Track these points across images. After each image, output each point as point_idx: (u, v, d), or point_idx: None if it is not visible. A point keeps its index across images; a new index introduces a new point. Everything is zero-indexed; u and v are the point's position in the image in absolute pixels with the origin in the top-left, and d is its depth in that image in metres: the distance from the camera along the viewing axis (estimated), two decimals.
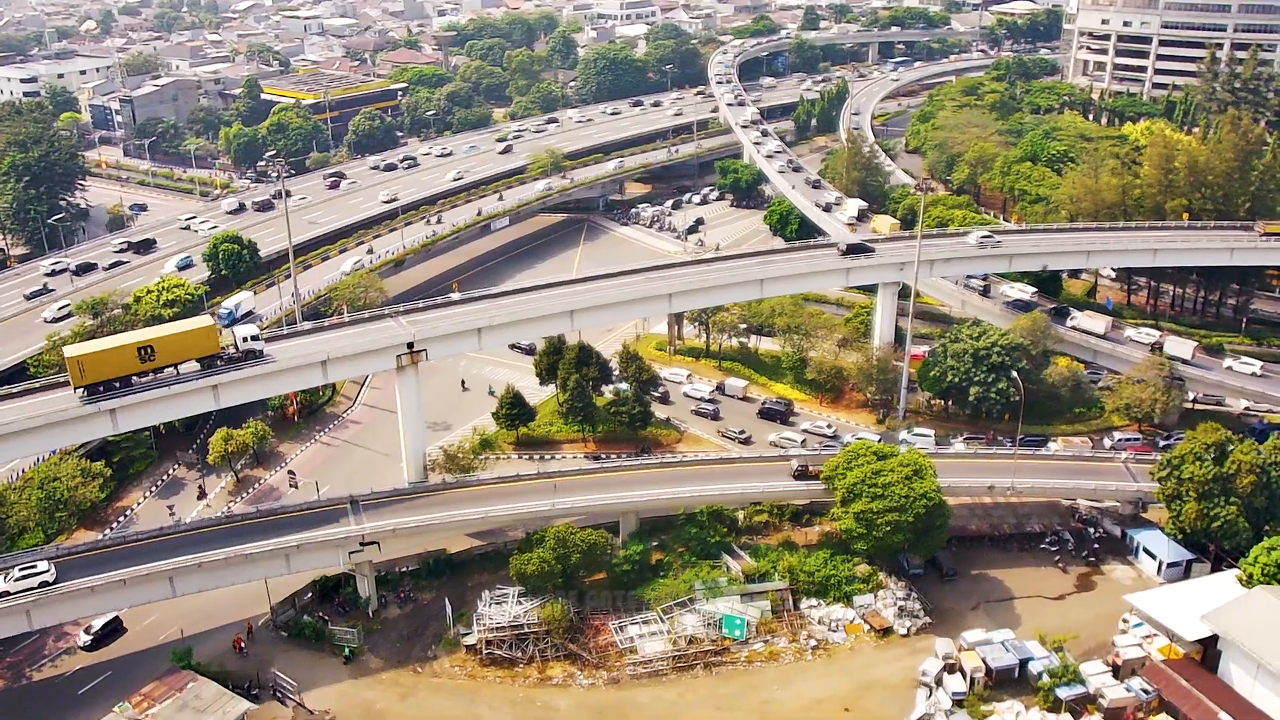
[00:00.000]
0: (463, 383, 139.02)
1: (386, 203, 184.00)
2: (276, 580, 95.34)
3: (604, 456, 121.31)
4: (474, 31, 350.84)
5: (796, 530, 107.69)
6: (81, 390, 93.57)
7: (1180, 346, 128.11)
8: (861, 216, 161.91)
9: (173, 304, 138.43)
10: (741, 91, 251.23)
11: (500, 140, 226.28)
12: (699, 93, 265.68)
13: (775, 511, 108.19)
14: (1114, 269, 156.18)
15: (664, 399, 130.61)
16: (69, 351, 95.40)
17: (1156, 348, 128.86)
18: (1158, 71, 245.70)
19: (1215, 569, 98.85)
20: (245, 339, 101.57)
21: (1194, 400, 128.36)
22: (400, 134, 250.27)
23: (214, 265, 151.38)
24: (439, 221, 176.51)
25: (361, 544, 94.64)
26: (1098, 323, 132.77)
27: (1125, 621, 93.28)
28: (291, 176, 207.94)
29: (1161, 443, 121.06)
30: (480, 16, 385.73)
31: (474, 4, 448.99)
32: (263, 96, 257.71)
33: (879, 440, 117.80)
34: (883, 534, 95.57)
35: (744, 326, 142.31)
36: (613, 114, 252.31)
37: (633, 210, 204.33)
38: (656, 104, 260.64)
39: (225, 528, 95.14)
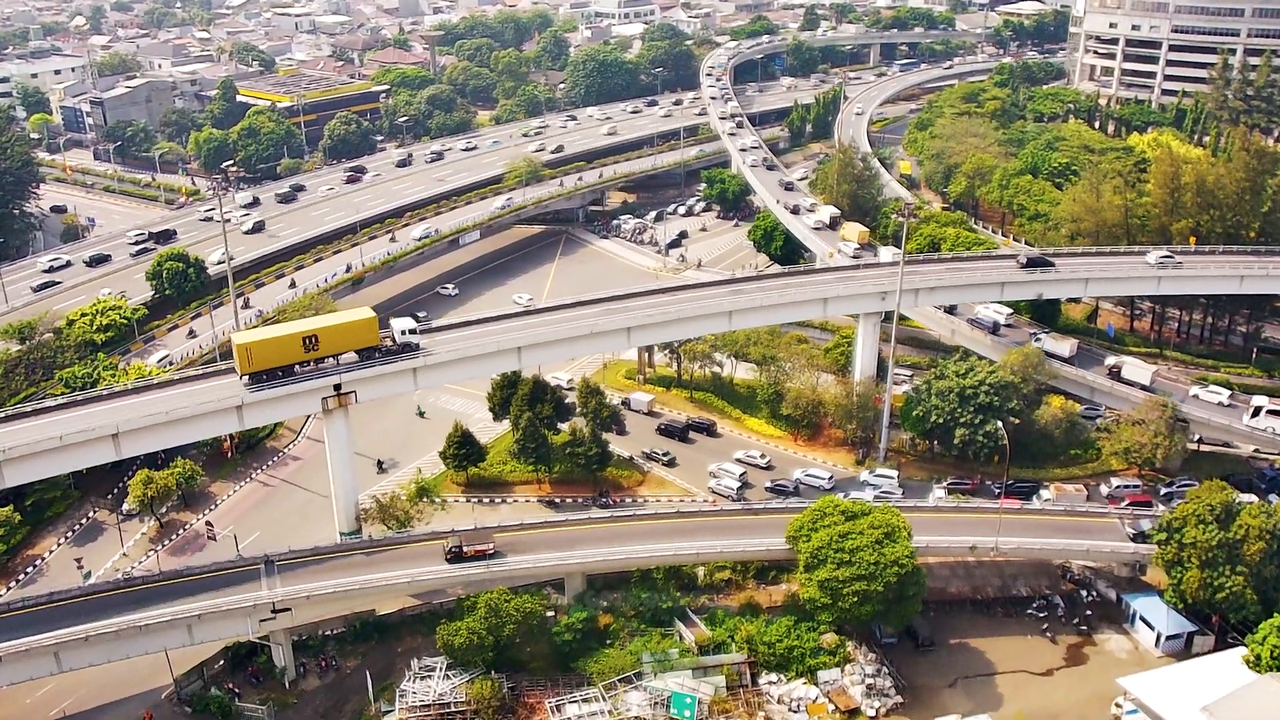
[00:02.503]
0: (420, 412, 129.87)
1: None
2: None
3: (559, 500, 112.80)
4: (465, 30, 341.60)
5: (762, 589, 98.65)
6: (246, 378, 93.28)
7: (1138, 371, 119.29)
8: (833, 223, 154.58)
9: (107, 328, 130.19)
10: (732, 95, 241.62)
11: (468, 149, 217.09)
12: (691, 99, 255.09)
13: (739, 568, 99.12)
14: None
15: (621, 429, 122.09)
16: (238, 339, 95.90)
17: (1114, 371, 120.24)
18: (1167, 78, 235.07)
19: (1220, 644, 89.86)
20: (403, 332, 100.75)
21: (1199, 442, 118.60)
22: (379, 138, 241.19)
23: (157, 284, 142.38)
24: (392, 240, 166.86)
25: (273, 611, 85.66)
26: (1062, 345, 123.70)
27: (1119, 706, 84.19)
28: (256, 185, 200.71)
29: (1163, 490, 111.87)
30: (473, 15, 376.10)
31: (471, 2, 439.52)
32: (239, 99, 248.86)
33: (829, 479, 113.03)
34: (849, 604, 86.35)
35: (718, 355, 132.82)
36: (602, 118, 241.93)
37: (613, 222, 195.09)
38: (636, 111, 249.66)
39: (123, 593, 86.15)
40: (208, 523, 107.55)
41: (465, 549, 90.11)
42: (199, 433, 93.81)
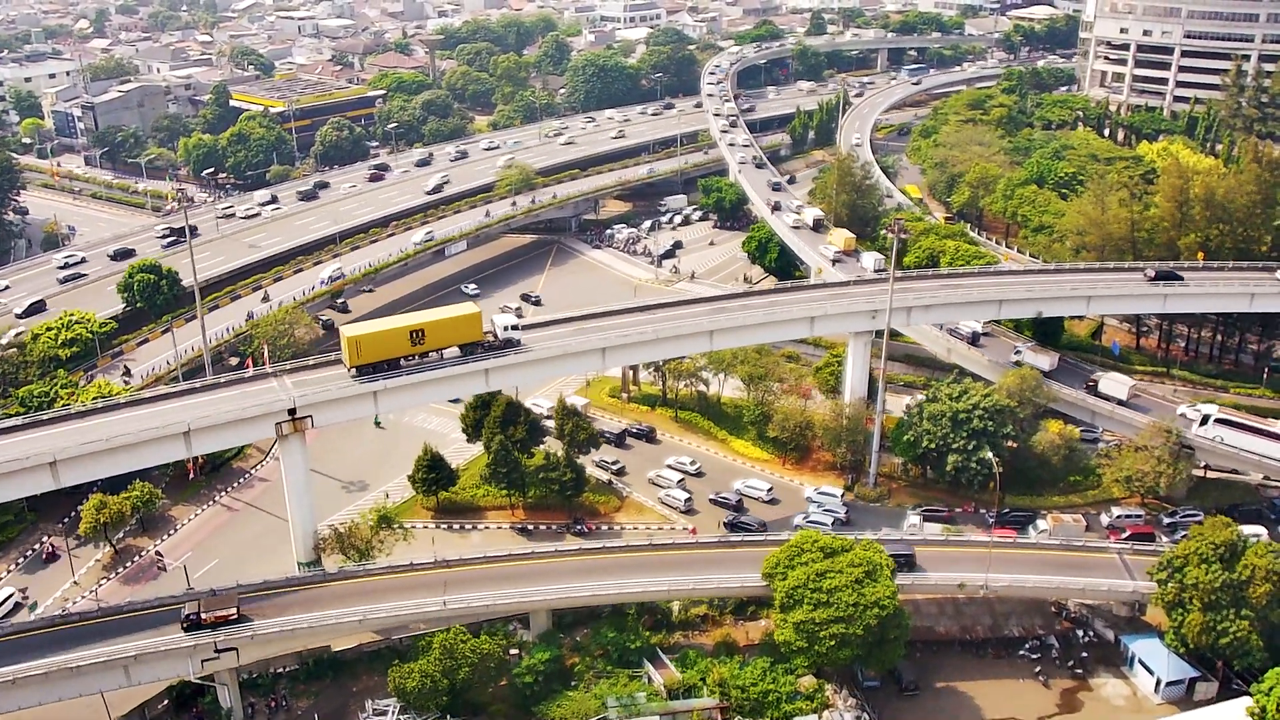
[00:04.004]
0: (377, 422, 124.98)
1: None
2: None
3: (532, 527, 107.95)
4: (467, 35, 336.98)
5: (739, 626, 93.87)
6: (353, 370, 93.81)
7: (1115, 386, 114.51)
8: (817, 226, 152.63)
9: (72, 343, 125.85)
10: (732, 101, 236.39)
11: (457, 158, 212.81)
12: (693, 105, 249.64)
13: (715, 604, 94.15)
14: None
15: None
16: (347, 331, 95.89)
17: (1091, 385, 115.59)
18: (1180, 84, 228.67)
19: (1223, 691, 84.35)
20: (505, 328, 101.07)
21: (1205, 469, 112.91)
22: (374, 144, 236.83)
23: (128, 297, 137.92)
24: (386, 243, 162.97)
25: (217, 651, 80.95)
26: (1042, 359, 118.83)
27: None
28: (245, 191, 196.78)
29: (1165, 520, 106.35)
30: (476, 19, 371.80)
31: (476, 5, 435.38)
32: (232, 103, 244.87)
33: (767, 490, 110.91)
34: (826, 649, 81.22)
35: (705, 373, 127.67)
36: (590, 124, 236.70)
37: (607, 232, 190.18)
38: (641, 114, 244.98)
39: (59, 630, 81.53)
40: (157, 553, 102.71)
41: (204, 615, 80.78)
42: (143, 460, 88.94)
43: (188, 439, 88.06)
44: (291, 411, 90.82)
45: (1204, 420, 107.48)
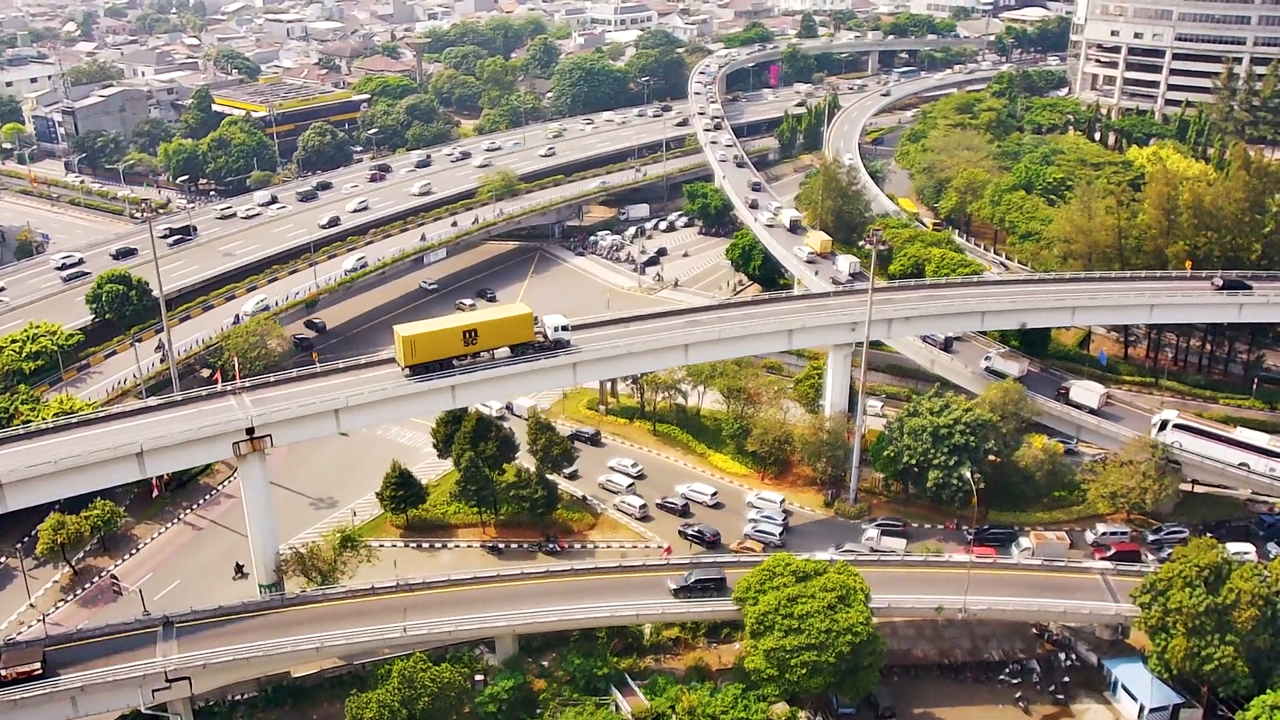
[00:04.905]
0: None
1: (326, 226, 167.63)
2: None
3: (504, 545, 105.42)
4: (455, 37, 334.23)
5: (713, 649, 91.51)
6: (407, 369, 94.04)
7: (1086, 394, 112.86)
8: (794, 228, 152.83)
9: (37, 356, 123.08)
10: (718, 100, 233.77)
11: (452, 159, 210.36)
12: (676, 112, 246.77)
13: (688, 626, 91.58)
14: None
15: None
16: (402, 331, 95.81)
17: (1062, 393, 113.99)
18: (1171, 87, 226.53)
19: (1208, 718, 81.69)
20: (556, 329, 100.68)
21: (1193, 484, 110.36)
22: (357, 149, 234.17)
23: (96, 308, 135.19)
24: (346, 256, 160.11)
25: (168, 680, 78.28)
26: (1011, 365, 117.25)
27: None
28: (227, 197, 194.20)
29: (1150, 537, 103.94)
30: (465, 22, 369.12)
31: (467, 7, 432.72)
32: (214, 108, 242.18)
33: (711, 494, 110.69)
34: (797, 677, 78.61)
35: (684, 385, 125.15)
36: (577, 130, 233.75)
37: (590, 238, 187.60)
38: (624, 121, 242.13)
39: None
40: (113, 576, 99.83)
41: (4, 671, 74.58)
42: (94, 482, 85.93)
43: (141, 460, 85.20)
44: (250, 430, 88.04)
45: (1162, 426, 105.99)
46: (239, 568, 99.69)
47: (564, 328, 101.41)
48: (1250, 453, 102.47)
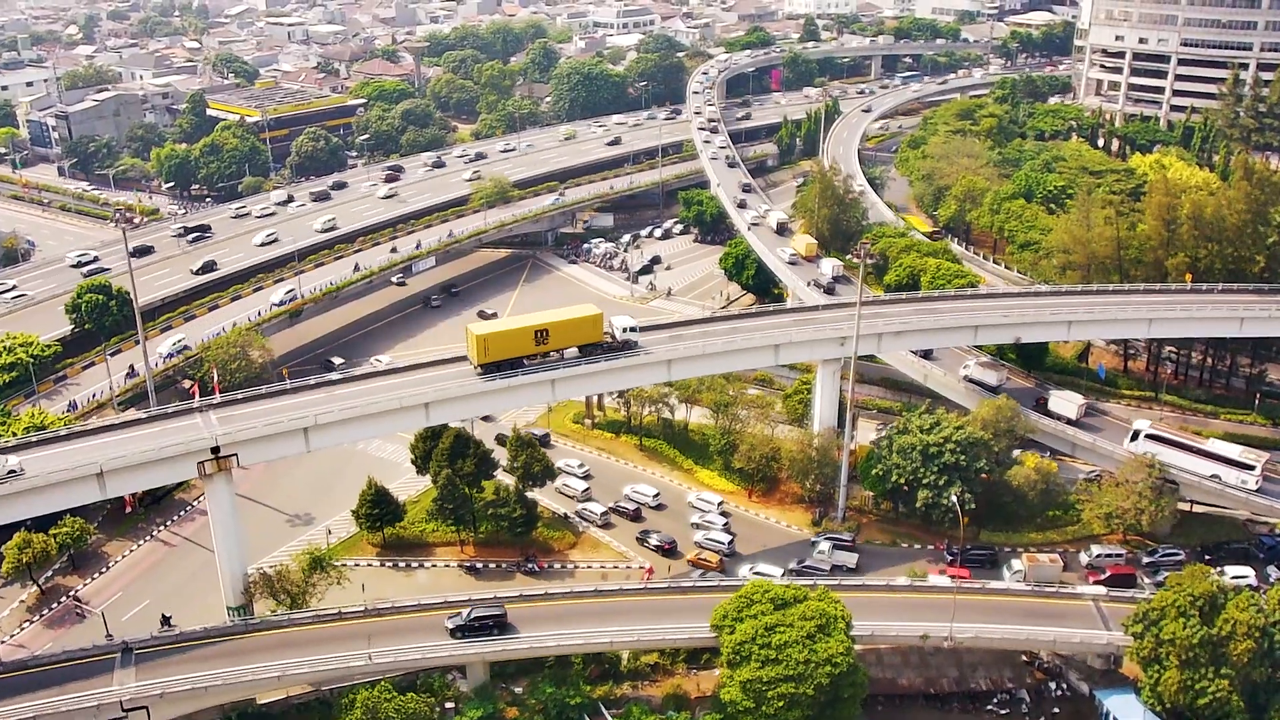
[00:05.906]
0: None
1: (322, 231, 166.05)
2: None
3: (482, 565, 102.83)
4: (455, 41, 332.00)
5: (691, 675, 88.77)
6: (479, 368, 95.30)
7: (1065, 404, 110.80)
8: (781, 230, 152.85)
9: (11, 368, 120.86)
10: (716, 109, 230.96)
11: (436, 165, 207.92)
12: (669, 114, 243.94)
13: (667, 652, 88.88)
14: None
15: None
16: (475, 329, 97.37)
17: (1040, 403, 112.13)
18: (1176, 93, 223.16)
19: None
20: (624, 330, 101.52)
21: (1191, 504, 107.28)
22: (351, 155, 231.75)
23: (76, 318, 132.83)
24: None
25: (124, 710, 75.85)
26: (989, 374, 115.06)
27: None
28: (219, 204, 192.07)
29: (1146, 559, 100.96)
30: (465, 26, 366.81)
31: (469, 11, 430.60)
32: (209, 112, 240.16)
33: (654, 496, 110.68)
34: (774, 710, 75.80)
35: (671, 399, 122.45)
36: (566, 139, 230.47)
37: (584, 246, 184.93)
38: (620, 125, 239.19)
39: None
40: (75, 597, 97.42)
41: None
42: (52, 504, 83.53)
43: (101, 480, 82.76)
44: (215, 450, 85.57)
45: (1135, 435, 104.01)
46: (165, 619, 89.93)
47: (632, 329, 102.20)
48: (1221, 464, 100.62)
